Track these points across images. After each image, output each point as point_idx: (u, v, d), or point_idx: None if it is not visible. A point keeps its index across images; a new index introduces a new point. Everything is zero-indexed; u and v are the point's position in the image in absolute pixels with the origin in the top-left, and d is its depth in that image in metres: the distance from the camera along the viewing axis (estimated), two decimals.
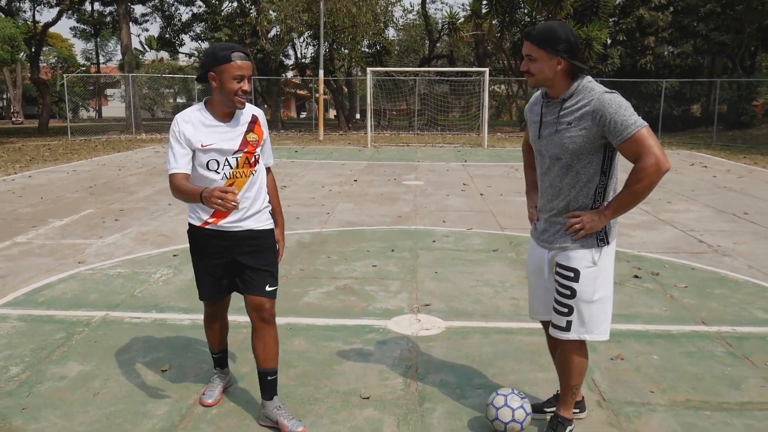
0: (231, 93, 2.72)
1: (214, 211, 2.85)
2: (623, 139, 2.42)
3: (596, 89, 2.51)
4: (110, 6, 31.28)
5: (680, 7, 28.26)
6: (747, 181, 11.70)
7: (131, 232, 7.11)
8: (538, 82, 2.58)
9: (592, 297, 2.64)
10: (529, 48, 2.55)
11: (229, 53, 2.69)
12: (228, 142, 2.80)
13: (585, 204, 2.61)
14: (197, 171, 2.82)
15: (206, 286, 3.07)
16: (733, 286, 5.22)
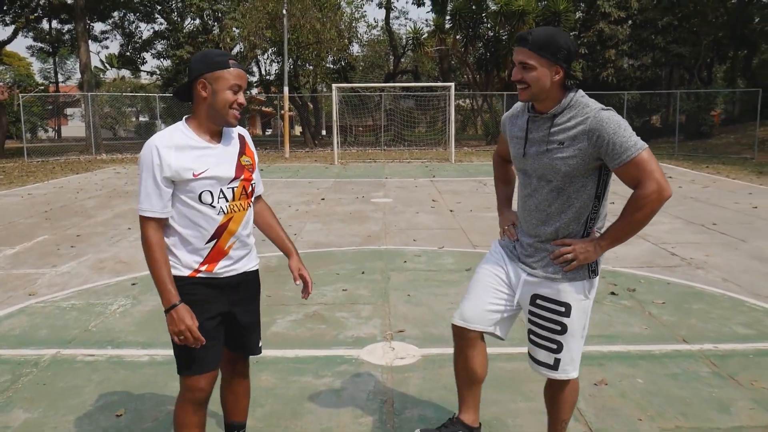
0: (225, 105, 2.27)
1: (207, 254, 2.35)
2: (622, 163, 2.20)
3: (591, 105, 2.30)
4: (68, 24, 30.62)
5: (639, 21, 28.84)
6: (712, 191, 11.80)
7: (88, 259, 6.76)
8: (534, 94, 2.30)
9: (583, 332, 2.45)
10: (525, 54, 2.27)
11: (226, 59, 2.30)
12: (222, 167, 2.32)
13: (575, 231, 2.38)
14: (186, 206, 2.30)
15: (203, 350, 2.35)
16: (710, 300, 5.14)
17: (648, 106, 32.57)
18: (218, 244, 2.35)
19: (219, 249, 2.36)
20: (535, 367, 2.54)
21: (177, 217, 2.32)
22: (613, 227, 2.31)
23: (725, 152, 20.87)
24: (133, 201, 11.02)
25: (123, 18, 31.82)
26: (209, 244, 2.34)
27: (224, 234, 2.36)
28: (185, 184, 2.26)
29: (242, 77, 2.32)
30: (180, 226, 2.32)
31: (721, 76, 36.51)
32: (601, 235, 2.37)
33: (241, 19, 24.21)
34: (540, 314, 2.46)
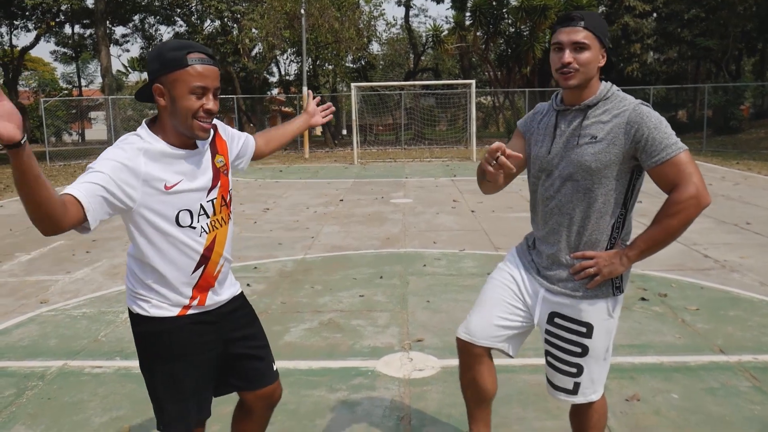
0: (187, 114, 1.83)
1: (196, 283, 1.98)
2: (660, 161, 2.00)
3: (629, 98, 2.11)
4: (90, 28, 30.90)
5: (664, 14, 28.26)
6: (744, 189, 11.40)
7: (102, 265, 6.66)
8: (584, 78, 2.08)
9: (605, 353, 2.22)
10: (580, 33, 2.05)
11: (183, 54, 1.80)
12: (199, 177, 1.94)
13: (598, 241, 2.15)
14: (164, 235, 1.90)
15: (189, 401, 2.03)
16: (748, 306, 4.85)
17: (674, 101, 31.94)
18: (206, 271, 2.01)
19: (208, 276, 2.02)
20: (552, 392, 2.32)
21: (149, 251, 1.92)
22: (642, 236, 2.07)
23: (756, 147, 20.30)
24: None
25: (143, 21, 32.02)
26: (196, 273, 1.98)
27: (212, 257, 2.01)
28: (153, 200, 1.85)
29: (207, 75, 1.83)
30: (161, 262, 1.93)
31: (749, 69, 35.66)
32: (628, 245, 2.13)
33: (259, 19, 24.16)
34: (559, 334, 2.23)
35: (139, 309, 1.99)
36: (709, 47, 27.39)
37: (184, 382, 2.02)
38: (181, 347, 2.00)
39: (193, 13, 30.27)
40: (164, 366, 2.01)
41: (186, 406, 2.04)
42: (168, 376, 2.02)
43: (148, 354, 2.04)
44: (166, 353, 2.00)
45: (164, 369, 2.01)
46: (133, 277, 2.00)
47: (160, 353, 2.01)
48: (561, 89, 2.20)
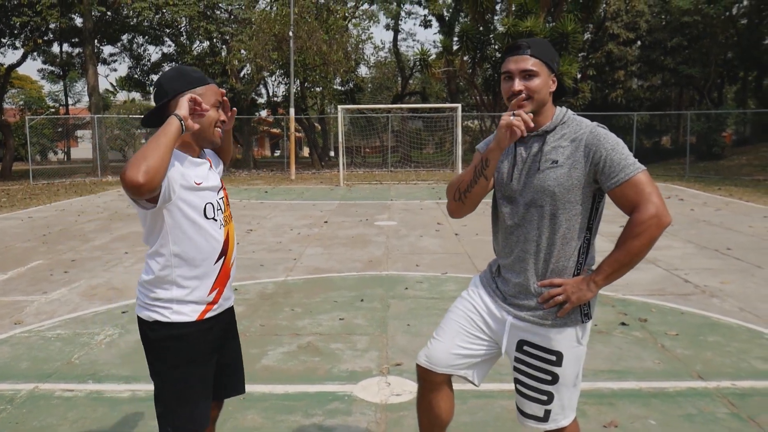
0: (211, 123, 2.14)
1: (215, 280, 2.19)
2: (619, 182, 2.00)
3: (585, 122, 2.13)
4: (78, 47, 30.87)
5: (647, 42, 28.73)
6: (725, 214, 11.50)
7: (79, 285, 6.57)
8: (538, 104, 2.10)
9: (575, 380, 2.20)
10: (528, 61, 2.08)
11: (203, 74, 2.19)
12: (211, 179, 2.20)
13: (565, 267, 2.14)
14: (193, 225, 2.11)
15: (204, 402, 2.20)
16: (727, 332, 4.86)
17: (658, 127, 32.35)
18: (225, 262, 2.24)
19: (226, 269, 2.24)
20: (522, 420, 2.29)
21: (179, 243, 2.11)
22: (608, 260, 2.06)
23: (737, 174, 20.55)
24: (133, 224, 10.86)
25: (132, 41, 32.02)
26: (218, 263, 2.20)
27: (228, 249, 2.24)
28: (188, 193, 2.08)
29: (221, 92, 2.22)
30: (184, 250, 2.11)
31: (731, 97, 36.24)
32: (594, 270, 2.12)
33: (248, 41, 24.27)
34: (528, 362, 2.21)
35: (159, 316, 2.13)
36: (691, 75, 27.84)
37: (196, 386, 2.18)
38: (196, 352, 2.16)
39: (182, 33, 30.33)
40: (181, 370, 2.15)
41: (198, 409, 2.18)
42: (184, 380, 2.15)
43: (166, 359, 2.15)
44: (184, 358, 2.14)
45: (180, 373, 2.15)
46: (156, 285, 2.14)
47: (178, 358, 2.14)
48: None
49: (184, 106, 2.01)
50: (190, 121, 2.01)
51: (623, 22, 27.07)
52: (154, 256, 2.14)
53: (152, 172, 1.85)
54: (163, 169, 1.88)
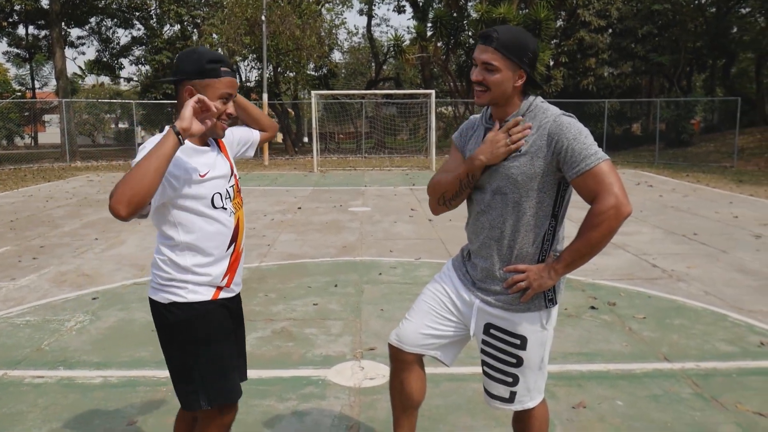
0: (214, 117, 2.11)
1: (228, 265, 2.22)
2: (580, 172, 2.01)
3: (551, 110, 2.12)
4: (45, 29, 30.14)
5: (618, 30, 29.00)
6: (693, 200, 11.74)
7: (49, 272, 6.47)
8: (494, 98, 2.11)
9: (540, 363, 2.25)
10: (489, 55, 2.06)
11: (219, 67, 2.09)
12: (219, 167, 2.19)
13: (529, 254, 2.16)
14: (202, 216, 2.12)
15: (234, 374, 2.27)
16: (692, 315, 4.99)
17: (628, 114, 32.74)
18: (236, 247, 2.27)
19: (237, 254, 2.27)
20: (489, 400, 2.34)
21: (191, 233, 2.12)
22: (568, 249, 2.09)
23: (705, 160, 20.95)
24: (103, 210, 10.71)
25: (100, 23, 31.35)
26: (230, 249, 2.23)
27: (239, 235, 2.27)
28: (192, 187, 2.09)
29: (234, 85, 2.15)
30: (205, 239, 2.14)
31: (700, 85, 36.84)
32: (556, 258, 2.15)
33: (219, 25, 23.93)
34: (494, 345, 2.26)
35: (175, 297, 2.15)
36: (661, 62, 28.21)
37: (228, 358, 2.24)
38: (221, 327, 2.21)
39: (152, 16, 29.81)
40: (213, 345, 2.19)
41: (232, 380, 2.25)
42: (218, 354, 2.20)
43: (195, 337, 2.17)
44: (212, 333, 2.19)
45: (213, 348, 2.19)
46: (170, 266, 2.15)
47: (208, 334, 2.18)
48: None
49: (187, 115, 1.94)
50: (193, 129, 1.95)
51: (595, 10, 27.27)
52: (165, 240, 2.16)
53: (136, 203, 1.82)
54: (149, 196, 1.85)
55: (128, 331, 4.67)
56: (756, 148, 21.52)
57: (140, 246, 7.72)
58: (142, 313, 5.08)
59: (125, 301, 5.41)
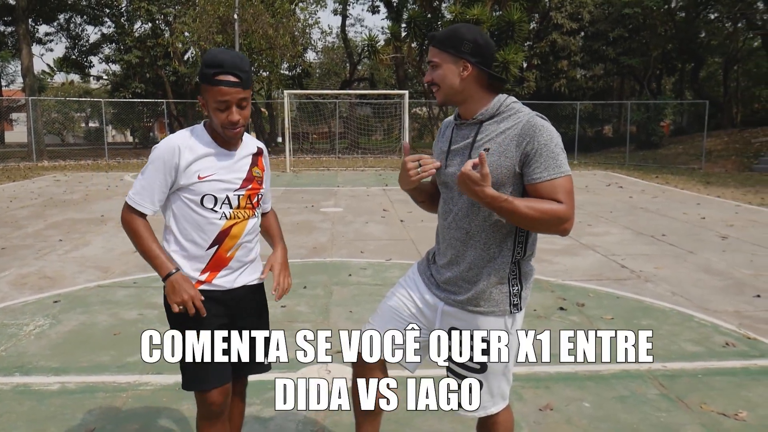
0: (217, 123, 2.16)
1: (208, 261, 2.26)
2: (540, 179, 1.98)
3: (524, 110, 2.08)
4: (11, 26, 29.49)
5: (590, 32, 29.34)
6: (661, 201, 11.89)
7: (9, 274, 6.29)
8: (446, 95, 2.10)
9: (505, 369, 2.20)
10: (431, 53, 2.11)
11: (212, 73, 2.08)
12: (231, 173, 2.24)
13: (495, 255, 2.11)
14: (187, 209, 2.22)
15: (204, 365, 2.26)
16: (660, 315, 5.02)
17: (600, 116, 33.16)
18: (219, 251, 2.27)
19: (220, 256, 2.27)
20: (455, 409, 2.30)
21: (177, 222, 2.26)
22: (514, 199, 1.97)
23: (674, 162, 21.28)
24: (69, 210, 10.49)
25: (69, 20, 30.77)
26: (210, 250, 2.25)
27: (226, 240, 2.27)
28: (189, 186, 2.19)
29: (230, 93, 2.11)
30: (180, 230, 2.26)
31: (669, 88, 37.43)
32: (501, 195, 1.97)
33: (191, 23, 23.65)
34: (457, 349, 2.22)
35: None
36: (632, 65, 28.60)
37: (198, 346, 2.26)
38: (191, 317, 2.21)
39: (122, 14, 29.34)
40: (182, 330, 2.26)
41: (203, 370, 2.26)
42: (186, 340, 2.26)
43: (170, 319, 2.30)
44: (180, 321, 2.25)
45: (182, 333, 2.26)
46: (167, 245, 2.30)
47: (176, 321, 2.27)
48: None
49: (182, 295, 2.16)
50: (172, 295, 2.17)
51: (567, 13, 27.57)
52: (166, 226, 2.31)
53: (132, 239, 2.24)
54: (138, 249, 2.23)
55: (89, 335, 4.54)
56: (723, 151, 21.92)
57: (105, 247, 7.56)
58: (105, 316, 4.95)
59: (87, 304, 5.28)
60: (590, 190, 13.59)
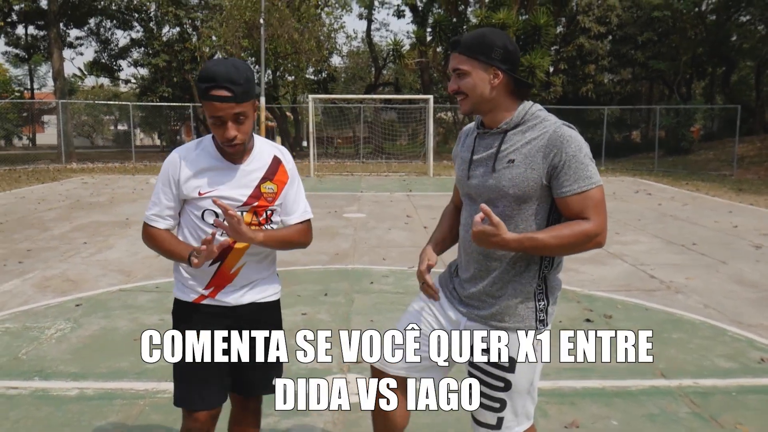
0: (216, 136, 2.09)
1: (211, 278, 2.19)
2: (571, 192, 1.90)
3: (551, 119, 1.98)
4: (43, 30, 30.03)
5: (618, 36, 28.94)
6: (692, 209, 11.62)
7: (33, 276, 6.33)
8: (474, 104, 2.00)
9: (530, 387, 2.10)
10: (456, 60, 1.99)
11: (204, 87, 1.99)
12: (234, 189, 2.13)
13: (521, 272, 2.02)
14: (191, 223, 2.18)
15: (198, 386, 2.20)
16: (690, 329, 4.85)
17: (628, 122, 32.68)
18: (222, 268, 2.19)
19: (223, 273, 2.20)
20: (476, 428, 2.19)
21: (183, 234, 2.23)
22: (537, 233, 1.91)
23: (704, 168, 20.85)
24: (95, 213, 10.58)
25: (99, 24, 31.24)
26: (213, 266, 2.18)
27: (229, 256, 2.18)
28: (192, 201, 2.16)
29: (223, 109, 1.98)
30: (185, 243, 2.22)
31: (699, 92, 36.77)
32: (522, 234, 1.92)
33: (218, 28, 23.83)
34: (480, 367, 2.11)
35: (174, 290, 2.28)
36: (661, 69, 28.14)
37: (190, 365, 2.19)
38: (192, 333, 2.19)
39: (151, 18, 29.71)
40: (179, 345, 2.22)
41: (191, 389, 2.22)
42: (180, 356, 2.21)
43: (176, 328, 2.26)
44: (179, 333, 2.22)
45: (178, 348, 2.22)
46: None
47: (179, 328, 2.23)
48: None
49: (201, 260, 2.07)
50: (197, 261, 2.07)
51: (595, 16, 27.21)
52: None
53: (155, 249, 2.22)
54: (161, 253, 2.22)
55: (109, 340, 4.53)
56: (756, 157, 21.41)
57: (129, 251, 7.58)
58: (125, 321, 4.94)
59: (109, 308, 5.27)
60: (618, 197, 13.34)
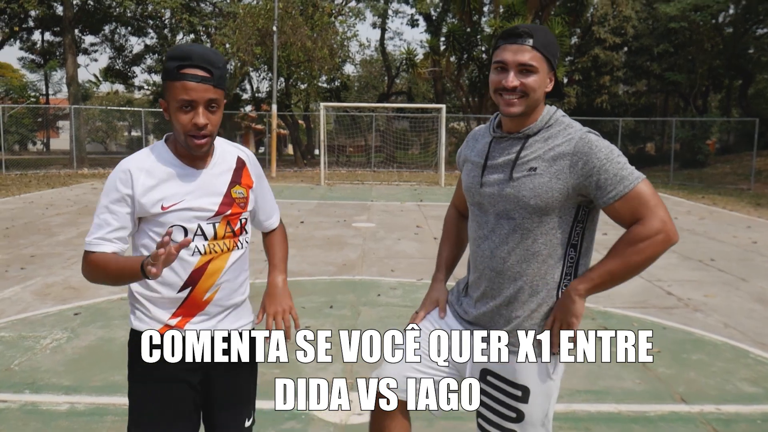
0: (179, 129, 1.76)
1: (179, 306, 1.86)
2: (618, 196, 1.73)
3: (575, 126, 1.83)
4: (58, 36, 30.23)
5: (634, 47, 28.70)
6: (709, 223, 11.36)
7: (34, 283, 6.21)
8: (529, 107, 1.81)
9: (544, 419, 1.91)
10: (528, 54, 1.77)
11: (176, 65, 1.71)
12: (203, 199, 1.83)
13: (539, 289, 1.85)
14: (151, 244, 1.84)
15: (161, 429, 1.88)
16: (711, 350, 4.63)
17: (643, 134, 32.37)
18: (194, 294, 1.87)
19: (194, 300, 1.88)
20: None
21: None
22: (598, 269, 1.78)
23: (721, 182, 20.52)
24: None
25: (114, 31, 31.42)
26: (182, 292, 1.86)
27: (201, 280, 1.86)
28: (153, 218, 1.81)
29: (197, 90, 1.71)
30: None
31: (716, 105, 36.39)
32: (578, 278, 1.82)
33: (231, 35, 23.86)
34: (491, 394, 1.93)
35: (131, 318, 1.93)
36: (677, 81, 27.85)
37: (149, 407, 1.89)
38: (152, 368, 1.86)
39: (165, 25, 29.84)
40: (136, 386, 1.91)
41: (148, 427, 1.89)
42: (137, 398, 1.91)
43: (128, 369, 1.93)
44: (140, 372, 1.89)
45: (136, 389, 1.91)
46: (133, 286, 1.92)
47: (135, 371, 1.91)
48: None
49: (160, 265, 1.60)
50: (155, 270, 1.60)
51: (610, 27, 27.03)
52: None
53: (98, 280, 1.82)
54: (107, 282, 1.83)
55: (105, 351, 4.38)
56: None
57: None
58: (124, 331, 4.79)
59: (108, 318, 5.13)
60: None
